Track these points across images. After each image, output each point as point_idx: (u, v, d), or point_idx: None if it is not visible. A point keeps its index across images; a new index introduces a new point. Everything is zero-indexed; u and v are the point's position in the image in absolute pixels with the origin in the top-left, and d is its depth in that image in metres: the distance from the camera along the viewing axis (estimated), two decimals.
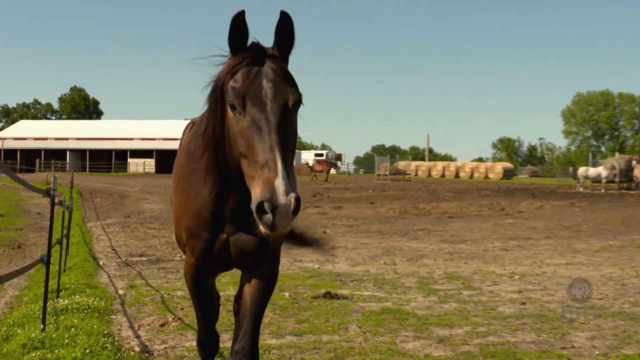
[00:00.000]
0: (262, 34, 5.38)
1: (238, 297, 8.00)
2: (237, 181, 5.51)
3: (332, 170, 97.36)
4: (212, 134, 5.62)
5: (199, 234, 6.11)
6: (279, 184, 4.68)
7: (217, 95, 5.48)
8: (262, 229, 4.81)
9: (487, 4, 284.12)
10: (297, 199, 4.71)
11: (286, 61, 5.47)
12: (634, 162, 69.94)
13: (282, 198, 4.63)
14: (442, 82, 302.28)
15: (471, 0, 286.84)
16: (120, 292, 14.63)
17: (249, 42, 5.39)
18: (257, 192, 4.79)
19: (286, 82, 5.23)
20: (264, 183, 4.74)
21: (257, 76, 5.19)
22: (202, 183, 5.97)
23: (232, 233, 6.02)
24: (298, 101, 5.27)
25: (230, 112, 5.29)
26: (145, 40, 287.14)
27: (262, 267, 6.36)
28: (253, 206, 4.75)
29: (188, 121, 8.32)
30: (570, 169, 79.33)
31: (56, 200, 11.52)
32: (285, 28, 5.33)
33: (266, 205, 4.65)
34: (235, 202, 5.79)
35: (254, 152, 4.96)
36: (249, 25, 5.31)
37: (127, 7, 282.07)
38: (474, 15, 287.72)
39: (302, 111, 5.27)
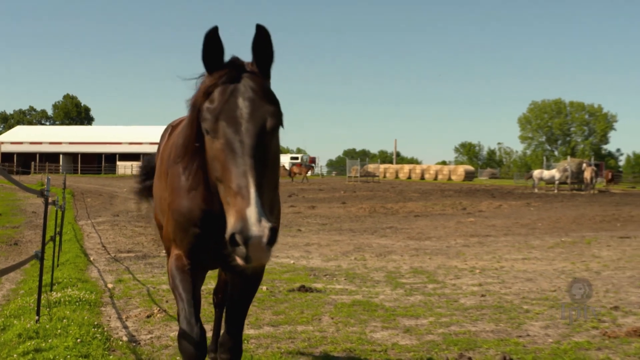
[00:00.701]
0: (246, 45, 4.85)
1: (217, 291, 7.90)
2: None
3: (309, 172, 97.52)
4: (195, 143, 4.97)
5: (188, 229, 5.42)
6: (251, 213, 4.11)
7: (194, 118, 4.86)
8: (238, 260, 4.23)
9: (448, 20, 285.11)
10: (272, 229, 4.12)
11: (267, 77, 4.84)
12: (584, 165, 70.43)
13: (254, 229, 4.07)
14: (409, 91, 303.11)
15: (433, 16, 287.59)
16: (110, 285, 14.57)
17: (227, 57, 4.78)
18: (230, 223, 4.22)
19: (264, 100, 4.59)
20: (236, 213, 4.19)
21: (233, 94, 4.57)
22: (192, 179, 5.28)
23: (221, 230, 5.13)
24: (278, 121, 4.63)
25: (206, 135, 4.70)
26: (133, 52, 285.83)
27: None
28: (227, 237, 4.18)
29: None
30: (525, 175, 79.83)
31: (50, 200, 11.46)
32: (262, 42, 4.68)
33: (238, 237, 4.10)
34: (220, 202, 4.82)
35: (228, 177, 4.38)
36: (223, 42, 4.70)
37: (116, 21, 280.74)
38: (436, 31, 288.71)
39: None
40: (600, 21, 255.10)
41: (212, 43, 4.66)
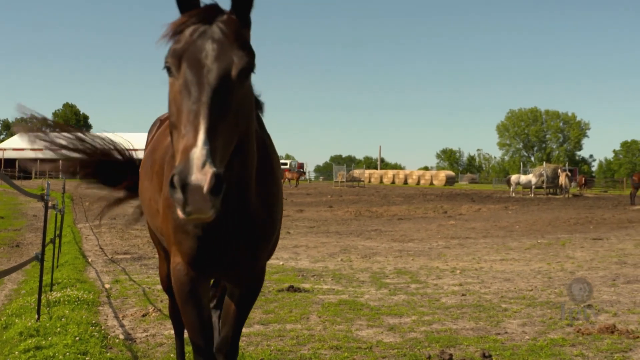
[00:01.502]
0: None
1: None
2: None
3: (302, 177, 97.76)
4: None
5: (188, 228, 4.72)
6: (195, 154, 3.47)
7: None
8: (178, 212, 3.57)
9: (429, 31, 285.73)
10: (217, 176, 3.45)
11: (245, 23, 4.19)
12: (559, 171, 70.74)
13: (195, 172, 3.42)
14: (392, 99, 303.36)
15: (415, 27, 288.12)
16: (107, 286, 14.52)
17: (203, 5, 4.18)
18: (175, 166, 3.59)
19: (235, 44, 3.97)
20: (180, 154, 3.57)
21: (201, 36, 3.98)
22: None
23: (227, 230, 4.68)
24: (247, 68, 3.99)
25: (169, 78, 4.08)
26: (130, 61, 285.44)
27: (248, 275, 5.22)
28: (168, 180, 3.56)
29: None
30: (505, 179, 79.94)
31: (49, 204, 11.44)
32: None
33: (175, 180, 3.44)
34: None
35: (179, 119, 3.78)
36: None
37: (114, 32, 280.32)
38: (418, 42, 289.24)
39: (271, 124, 4.70)
40: (574, 33, 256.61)
41: None
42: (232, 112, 3.93)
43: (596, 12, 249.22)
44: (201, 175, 3.42)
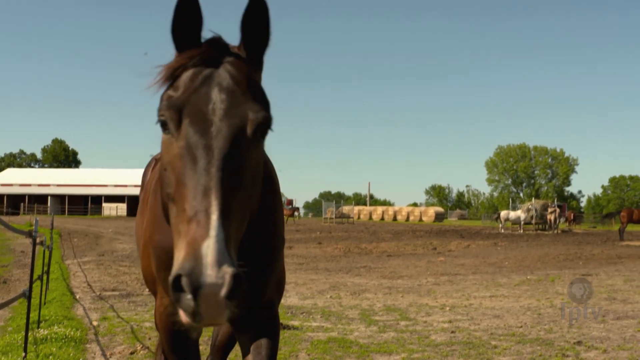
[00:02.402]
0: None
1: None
2: None
3: (295, 213, 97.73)
4: None
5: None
6: (209, 249, 2.75)
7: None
8: (182, 315, 2.87)
9: (417, 68, 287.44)
10: (237, 277, 2.74)
11: (257, 65, 3.51)
12: (549, 209, 70.88)
13: (209, 273, 2.70)
14: (381, 136, 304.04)
15: (403, 64, 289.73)
16: (94, 323, 14.42)
17: (205, 37, 3.45)
18: (177, 259, 2.83)
19: (248, 95, 3.25)
20: (187, 246, 2.80)
21: (206, 82, 3.24)
22: None
23: None
24: (263, 124, 3.27)
25: (162, 134, 3.33)
26: (118, 96, 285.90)
27: (256, 321, 4.63)
28: (169, 279, 2.78)
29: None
30: (493, 215, 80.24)
31: (37, 241, 11.40)
32: (255, 17, 3.33)
33: (184, 282, 2.72)
34: None
35: (183, 195, 3.01)
36: (203, 13, 3.34)
37: (102, 67, 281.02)
38: (406, 78, 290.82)
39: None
40: (562, 69, 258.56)
41: (187, 10, 3.32)
42: (248, 181, 3.26)
43: (584, 48, 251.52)
44: (217, 277, 2.73)
